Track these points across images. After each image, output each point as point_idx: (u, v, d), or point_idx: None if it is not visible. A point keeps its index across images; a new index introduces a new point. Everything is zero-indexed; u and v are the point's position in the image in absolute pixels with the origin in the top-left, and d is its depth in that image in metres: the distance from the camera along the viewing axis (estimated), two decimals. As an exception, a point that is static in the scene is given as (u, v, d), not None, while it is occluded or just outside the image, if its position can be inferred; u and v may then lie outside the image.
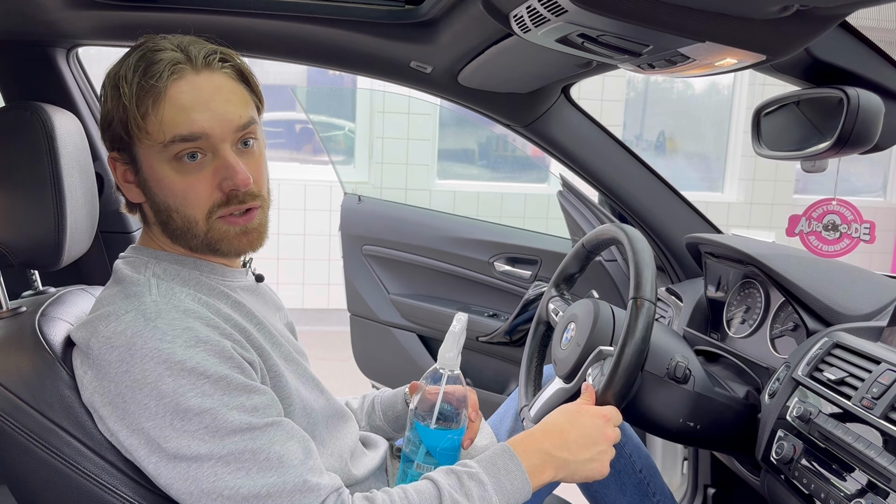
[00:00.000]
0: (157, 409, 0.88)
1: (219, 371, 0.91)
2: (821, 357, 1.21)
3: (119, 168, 1.03)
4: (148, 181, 1.01)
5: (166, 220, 1.02)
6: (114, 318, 0.93)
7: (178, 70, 0.97)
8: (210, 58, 0.99)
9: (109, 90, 0.99)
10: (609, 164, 1.95)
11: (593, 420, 1.09)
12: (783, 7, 0.90)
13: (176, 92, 0.96)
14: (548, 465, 1.03)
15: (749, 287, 1.58)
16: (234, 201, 1.00)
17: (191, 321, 0.93)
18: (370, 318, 2.55)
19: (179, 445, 0.88)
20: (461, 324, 1.10)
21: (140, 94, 0.95)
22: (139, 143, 0.98)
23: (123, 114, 0.97)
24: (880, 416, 1.02)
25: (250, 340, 1.00)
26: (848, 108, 1.12)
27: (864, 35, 1.19)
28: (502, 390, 2.39)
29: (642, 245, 1.23)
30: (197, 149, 0.97)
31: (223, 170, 0.99)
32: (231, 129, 0.99)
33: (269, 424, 0.91)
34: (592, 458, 1.06)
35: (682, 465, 2.05)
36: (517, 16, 1.16)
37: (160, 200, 1.01)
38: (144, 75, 0.96)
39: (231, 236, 1.03)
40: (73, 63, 1.75)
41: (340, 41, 1.63)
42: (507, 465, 0.99)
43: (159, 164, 0.98)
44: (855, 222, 1.23)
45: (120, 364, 0.90)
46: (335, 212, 2.79)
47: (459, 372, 1.10)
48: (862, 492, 1.01)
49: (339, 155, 5.37)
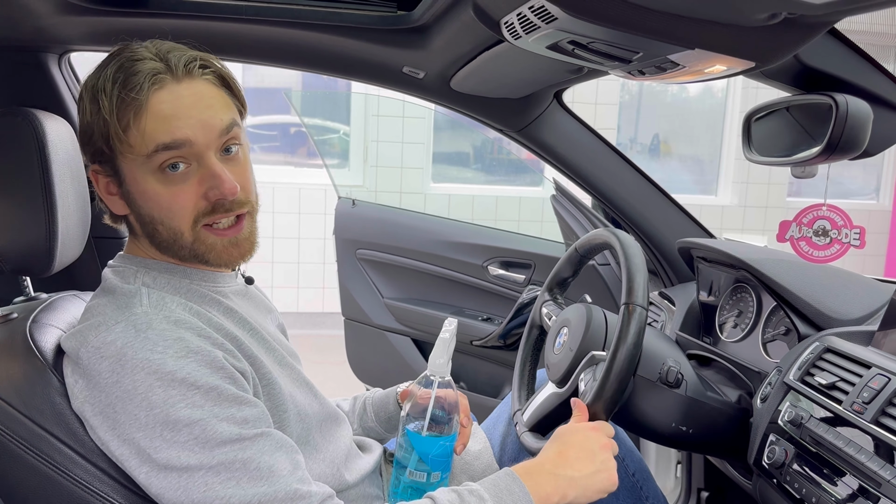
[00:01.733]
0: (147, 419, 0.88)
1: (209, 382, 0.90)
2: (812, 361, 1.22)
3: (101, 181, 1.02)
4: (132, 193, 0.99)
5: (152, 233, 1.01)
6: (104, 328, 0.93)
7: (159, 80, 0.95)
8: (191, 65, 0.98)
9: (88, 103, 0.97)
10: (602, 169, 1.95)
11: (586, 433, 1.09)
12: (771, 14, 0.90)
13: (157, 102, 0.95)
14: (554, 486, 1.01)
15: (741, 291, 1.58)
16: (221, 210, 1.00)
17: (182, 331, 0.93)
18: (364, 321, 2.55)
19: (169, 456, 0.88)
20: (451, 330, 1.10)
21: (120, 106, 0.94)
22: (121, 156, 0.97)
23: (104, 127, 0.95)
24: (871, 421, 1.03)
25: (242, 349, 1.00)
26: (837, 114, 1.13)
27: (853, 42, 1.20)
28: (496, 394, 2.39)
29: (634, 250, 1.23)
30: (180, 157, 0.96)
31: (209, 179, 0.98)
32: (214, 135, 0.98)
33: (259, 435, 0.91)
34: (598, 470, 1.06)
35: (675, 468, 2.06)
36: (508, 23, 1.17)
37: (145, 213, 1.00)
38: (124, 87, 0.94)
39: (219, 248, 1.02)
40: (64, 68, 1.75)
41: (333, 46, 1.63)
42: (510, 486, 0.98)
43: (143, 176, 0.97)
44: (845, 227, 1.23)
45: (110, 374, 0.90)
46: (329, 215, 2.79)
47: (450, 378, 1.10)
48: (853, 496, 1.01)
49: (334, 158, 5.37)
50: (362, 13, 1.51)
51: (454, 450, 1.12)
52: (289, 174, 5.24)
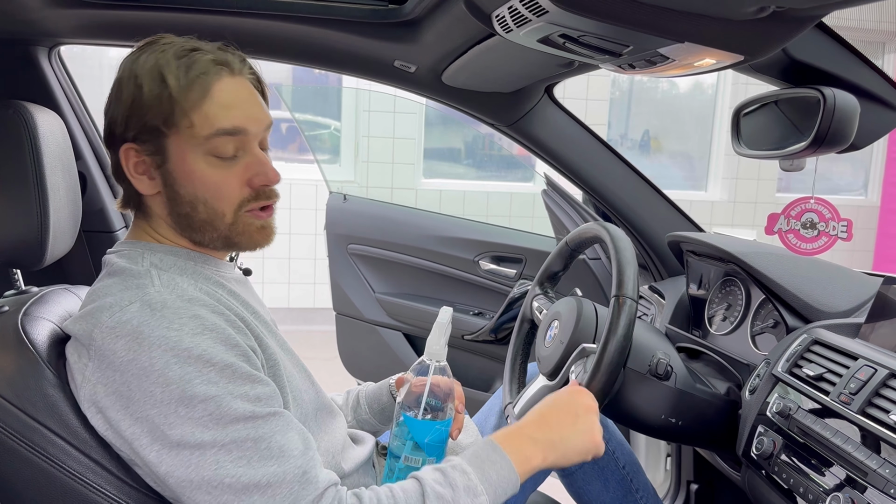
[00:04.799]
0: (163, 396, 0.89)
1: (225, 359, 0.92)
2: (800, 353, 1.23)
3: (133, 159, 1.03)
4: (174, 172, 1.02)
5: (189, 213, 1.03)
6: (118, 308, 0.93)
7: (220, 71, 1.02)
8: (243, 64, 1.06)
9: (149, 81, 0.99)
10: (592, 164, 1.96)
11: (570, 396, 1.10)
12: (760, 8, 0.91)
13: (219, 90, 1.01)
14: (534, 450, 1.02)
15: (730, 285, 1.59)
16: (263, 197, 1.06)
17: (197, 308, 0.95)
18: (356, 317, 2.55)
19: (183, 433, 0.88)
20: (447, 316, 1.11)
21: (189, 86, 0.99)
22: (176, 135, 1.00)
23: (168, 104, 0.98)
24: (857, 412, 1.04)
25: (250, 328, 1.02)
26: (824, 108, 1.14)
27: (841, 36, 1.21)
28: (487, 388, 2.40)
29: (625, 243, 1.24)
30: (234, 144, 1.02)
31: (256, 166, 1.04)
32: (261, 129, 1.06)
33: (271, 414, 0.92)
34: (579, 431, 1.06)
35: (665, 461, 2.07)
36: (499, 16, 1.17)
37: (186, 192, 1.02)
38: (191, 69, 1.00)
39: (253, 230, 1.07)
40: (55, 62, 1.74)
41: (324, 40, 1.63)
42: (491, 456, 0.99)
43: (194, 156, 1.01)
44: (833, 220, 1.24)
45: (126, 353, 0.90)
46: (321, 211, 2.79)
47: (446, 363, 1.11)
48: (840, 486, 1.02)
49: (325, 154, 5.36)
50: (353, 6, 1.51)
51: (450, 434, 1.12)
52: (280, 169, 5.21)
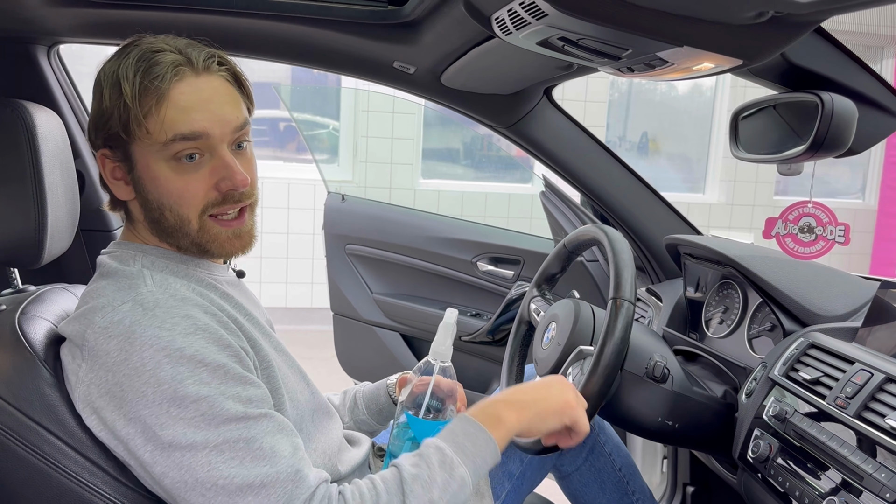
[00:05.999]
0: (155, 396, 0.89)
1: (217, 359, 0.92)
2: (797, 357, 1.23)
3: (108, 165, 1.03)
4: (142, 179, 1.01)
5: (158, 218, 1.02)
6: (110, 308, 0.94)
7: (180, 72, 0.98)
8: (209, 61, 1.01)
9: (108, 88, 0.99)
10: (590, 166, 1.96)
11: (550, 378, 1.13)
12: (758, 13, 0.91)
13: (177, 93, 0.97)
14: (506, 410, 1.02)
15: (727, 288, 1.59)
16: (230, 200, 1.03)
17: (189, 308, 0.94)
18: (353, 317, 2.55)
19: (175, 433, 0.88)
20: (453, 317, 1.12)
21: (143, 93, 0.96)
22: (137, 142, 0.99)
23: (124, 112, 0.97)
24: (853, 416, 1.04)
25: (243, 330, 1.01)
26: (822, 112, 1.14)
27: (839, 41, 1.21)
28: (484, 389, 2.40)
29: (622, 245, 1.24)
30: (196, 149, 0.99)
31: (221, 169, 1.01)
32: (229, 130, 1.01)
33: (262, 416, 0.92)
34: (553, 393, 1.07)
35: (661, 463, 2.07)
36: (498, 18, 1.17)
37: (153, 198, 1.01)
38: (147, 75, 0.97)
39: (222, 239, 1.04)
40: (54, 60, 1.74)
41: (324, 41, 1.63)
42: (465, 428, 1.00)
43: (156, 162, 0.99)
44: (830, 224, 1.25)
45: (118, 353, 0.90)
46: (319, 210, 2.79)
47: (450, 364, 1.11)
48: (835, 490, 1.02)
49: (323, 153, 5.36)
50: (353, 7, 1.51)
51: None
52: (278, 169, 5.22)
